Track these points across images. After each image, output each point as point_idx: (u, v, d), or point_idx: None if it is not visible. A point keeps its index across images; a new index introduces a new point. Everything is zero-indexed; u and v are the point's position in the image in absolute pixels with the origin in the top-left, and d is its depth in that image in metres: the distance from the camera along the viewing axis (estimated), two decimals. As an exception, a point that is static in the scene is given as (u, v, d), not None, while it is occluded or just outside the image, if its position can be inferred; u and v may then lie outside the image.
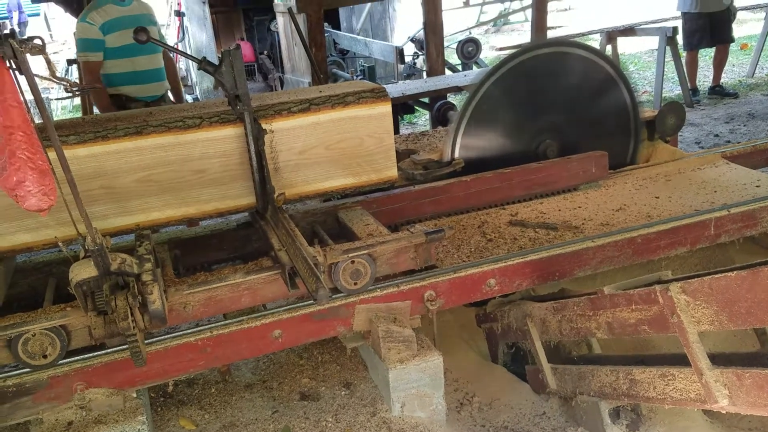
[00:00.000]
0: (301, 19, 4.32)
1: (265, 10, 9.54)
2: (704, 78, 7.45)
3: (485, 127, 2.74)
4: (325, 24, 5.87)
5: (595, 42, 7.33)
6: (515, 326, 2.23)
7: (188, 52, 8.49)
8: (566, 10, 14.49)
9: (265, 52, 9.95)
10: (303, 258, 1.79)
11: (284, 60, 8.56)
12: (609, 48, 6.60)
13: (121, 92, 3.60)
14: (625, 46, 8.44)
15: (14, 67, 1.23)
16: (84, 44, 3.51)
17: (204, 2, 8.41)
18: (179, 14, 8.64)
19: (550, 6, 5.18)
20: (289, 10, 3.57)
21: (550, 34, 6.31)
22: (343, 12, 9.01)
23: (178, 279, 1.93)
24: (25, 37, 1.25)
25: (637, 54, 9.43)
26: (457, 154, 2.72)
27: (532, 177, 2.67)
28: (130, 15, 3.48)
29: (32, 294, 2.03)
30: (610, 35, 6.64)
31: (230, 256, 2.42)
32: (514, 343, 2.38)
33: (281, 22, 8.29)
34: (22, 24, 15.11)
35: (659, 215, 2.43)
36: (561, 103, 2.81)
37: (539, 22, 4.66)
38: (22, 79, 1.32)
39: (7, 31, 1.22)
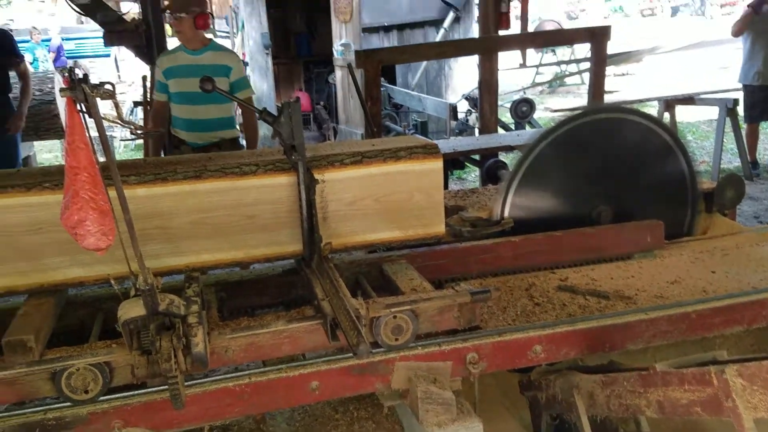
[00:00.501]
0: (358, 73, 4.44)
1: (324, 62, 9.88)
2: (764, 151, 7.27)
3: (537, 188, 2.72)
4: (381, 78, 6.01)
5: (653, 109, 7.28)
6: (561, 397, 2.15)
7: (248, 99, 8.77)
8: (624, 75, 14.47)
9: (322, 103, 10.25)
10: (345, 310, 1.78)
11: (339, 111, 8.79)
12: (667, 116, 6.53)
13: (177, 134, 3.79)
14: (684, 114, 8.34)
15: (84, 110, 1.29)
16: (155, 84, 3.74)
17: (267, 54, 8.74)
18: (243, 64, 8.99)
19: (607, 70, 5.19)
20: (349, 65, 3.68)
21: (607, 98, 6.30)
22: (399, 67, 9.24)
23: (222, 322, 1.94)
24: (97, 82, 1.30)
25: (696, 123, 9.30)
26: (506, 214, 2.70)
27: (584, 242, 2.61)
28: (196, 64, 3.61)
29: (80, 327, 2.06)
30: (669, 103, 6.58)
31: (274, 301, 2.42)
32: (558, 415, 2.28)
33: (339, 75, 8.56)
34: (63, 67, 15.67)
35: (715, 291, 2.33)
36: (616, 169, 2.77)
37: (597, 87, 4.65)
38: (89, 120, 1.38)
39: (80, 76, 1.28)
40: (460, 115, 7.14)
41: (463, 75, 9.66)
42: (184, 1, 3.56)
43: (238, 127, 4.03)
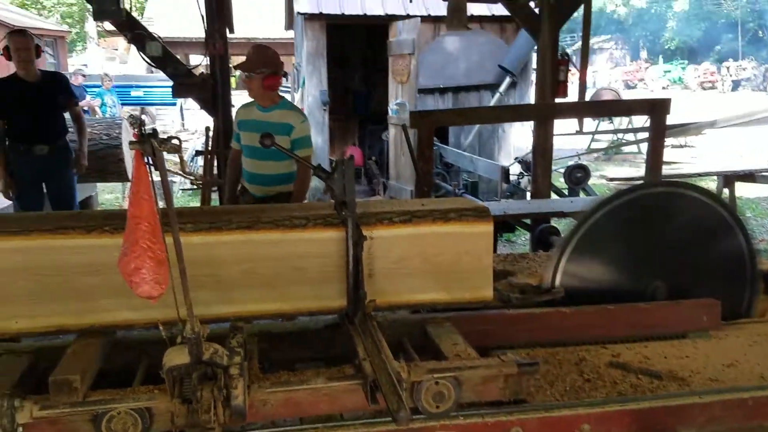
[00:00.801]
0: (412, 132, 4.51)
1: (379, 120, 10.09)
2: (830, 231, 6.97)
3: (590, 259, 2.66)
4: (434, 137, 6.08)
5: (712, 184, 7.11)
6: (606, 480, 2.04)
7: (303, 153, 8.98)
8: (682, 146, 14.23)
9: (374, 158, 10.42)
10: (387, 373, 1.75)
11: (391, 167, 8.90)
12: (726, 191, 6.36)
13: (243, 183, 3.91)
14: (744, 190, 8.12)
15: (151, 162, 1.35)
16: (233, 132, 3.91)
17: (325, 110, 9.00)
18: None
19: (665, 140, 5.11)
20: (403, 126, 3.74)
21: (665, 170, 6.18)
22: (453, 127, 9.33)
23: (262, 375, 1.93)
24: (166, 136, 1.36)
25: (756, 200, 9.02)
26: (557, 282, 2.64)
27: (637, 318, 2.52)
28: (264, 121, 3.73)
29: (125, 370, 2.08)
30: (728, 179, 6.42)
31: (315, 356, 2.40)
32: (602, 498, 2.16)
33: (392, 133, 8.70)
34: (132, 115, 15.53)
35: (775, 377, 2.21)
36: (673, 244, 2.70)
37: (654, 160, 4.58)
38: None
39: (150, 130, 1.34)
40: (512, 178, 7.12)
41: (516, 137, 9.70)
42: (254, 61, 3.69)
43: None
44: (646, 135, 6.02)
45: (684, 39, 39.83)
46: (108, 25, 4.51)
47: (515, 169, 7.43)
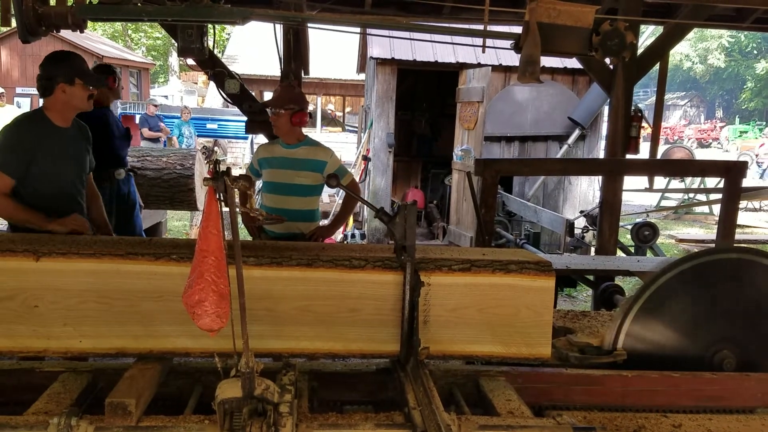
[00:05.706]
0: (475, 179, 4.49)
1: (442, 164, 10.14)
2: None
3: (656, 322, 2.56)
4: (498, 186, 6.02)
5: (788, 249, 6.76)
6: None
7: (367, 194, 9.11)
8: (757, 210, 13.66)
9: (435, 202, 10.44)
10: (436, 424, 1.72)
11: (451, 211, 8.89)
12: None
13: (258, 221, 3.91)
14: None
15: (222, 199, 1.39)
16: (249, 166, 4.01)
17: (390, 152, 9.10)
18: (366, 159, 9.39)
19: (740, 203, 4.91)
20: (468, 173, 3.73)
21: (738, 234, 5.94)
22: (517, 177, 9.27)
23: (311, 414, 1.92)
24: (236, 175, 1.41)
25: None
26: (620, 344, 2.54)
27: (702, 388, 2.39)
28: (291, 158, 3.76)
29: (178, 396, 2.12)
30: (807, 245, 6.09)
31: (364, 399, 2.38)
32: None
33: (455, 178, 8.71)
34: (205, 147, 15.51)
35: None
36: (744, 313, 2.57)
37: (728, 223, 4.40)
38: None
39: (223, 168, 1.39)
40: (576, 231, 6.96)
41: (583, 190, 9.53)
42: (283, 98, 3.77)
43: (320, 222, 4.09)
44: (718, 196, 5.80)
45: (763, 100, 38.57)
46: (190, 61, 4.68)
47: (580, 223, 7.27)
